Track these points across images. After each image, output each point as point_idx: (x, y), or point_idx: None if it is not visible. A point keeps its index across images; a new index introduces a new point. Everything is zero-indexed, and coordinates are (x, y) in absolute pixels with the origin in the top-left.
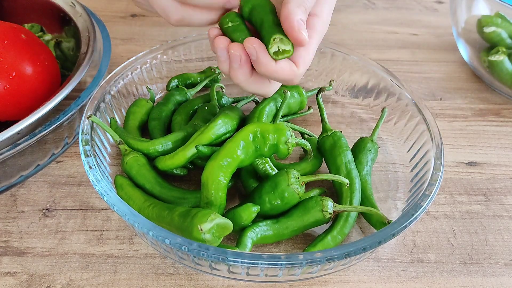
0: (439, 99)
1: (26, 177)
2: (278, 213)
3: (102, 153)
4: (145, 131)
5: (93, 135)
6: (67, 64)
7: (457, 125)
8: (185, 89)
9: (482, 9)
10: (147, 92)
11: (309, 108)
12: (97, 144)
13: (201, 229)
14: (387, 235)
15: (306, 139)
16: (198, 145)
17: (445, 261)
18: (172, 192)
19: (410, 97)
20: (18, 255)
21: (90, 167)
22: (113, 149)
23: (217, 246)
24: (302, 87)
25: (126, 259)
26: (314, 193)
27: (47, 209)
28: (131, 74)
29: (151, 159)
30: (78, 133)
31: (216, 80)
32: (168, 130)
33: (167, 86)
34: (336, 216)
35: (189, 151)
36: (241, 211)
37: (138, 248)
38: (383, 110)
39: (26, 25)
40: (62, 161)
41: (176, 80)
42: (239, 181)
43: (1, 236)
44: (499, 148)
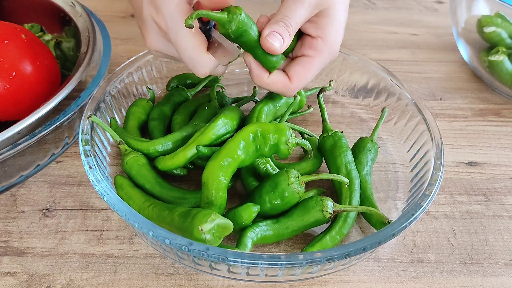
0: (439, 99)
1: (26, 177)
2: (278, 213)
3: (102, 153)
4: (145, 131)
5: (93, 135)
6: (67, 64)
7: (457, 125)
8: (185, 89)
9: (482, 9)
10: (147, 92)
11: (309, 107)
12: (97, 144)
13: (201, 230)
14: (387, 235)
15: (306, 139)
16: (198, 145)
17: (445, 261)
18: (172, 192)
19: (410, 97)
20: (18, 255)
21: (90, 167)
22: (113, 149)
23: (217, 246)
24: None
25: (126, 259)
26: (312, 193)
27: (47, 209)
28: (131, 74)
29: (151, 159)
30: (78, 133)
31: (216, 80)
32: (168, 130)
33: (167, 86)
34: (335, 217)
35: (189, 152)
36: (241, 210)
37: (138, 248)
38: (383, 110)
39: (26, 25)
40: (62, 161)
41: (176, 80)
42: (238, 180)
43: (1, 236)
44: (499, 148)
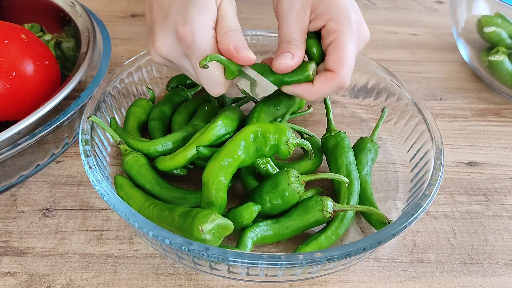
0: (439, 99)
1: (26, 177)
2: (278, 213)
3: (102, 153)
4: (145, 131)
5: (93, 135)
6: (67, 64)
7: (457, 125)
8: (185, 89)
9: (482, 9)
10: (147, 92)
11: (309, 107)
12: (97, 144)
13: (201, 230)
14: (387, 235)
15: (306, 139)
16: (198, 146)
17: (445, 261)
18: (172, 192)
19: (410, 97)
20: (18, 255)
21: (90, 167)
22: (113, 149)
23: (217, 246)
24: None
25: (126, 259)
26: (311, 193)
27: (47, 209)
28: (131, 74)
29: (151, 159)
30: (78, 133)
31: None
32: (168, 130)
33: (167, 86)
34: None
35: (189, 152)
36: (242, 210)
37: (138, 248)
38: (383, 110)
39: (26, 25)
40: (62, 161)
41: (176, 80)
42: (238, 181)
43: (1, 236)
44: (499, 148)
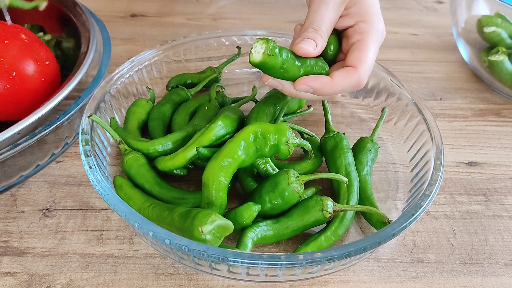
0: (439, 99)
1: (26, 177)
2: (278, 213)
3: (102, 153)
4: (145, 131)
5: (93, 135)
6: (67, 64)
7: (457, 125)
8: (185, 89)
9: (482, 9)
10: (147, 92)
11: (309, 106)
12: (97, 144)
13: (201, 231)
14: (387, 235)
15: (306, 139)
16: (198, 147)
17: (445, 261)
18: (171, 192)
19: (410, 97)
20: (18, 255)
21: (90, 167)
22: (113, 149)
23: (217, 246)
24: None
25: (126, 259)
26: (310, 191)
27: (47, 209)
28: (131, 74)
29: (151, 159)
30: (78, 133)
31: (216, 80)
32: (168, 130)
33: (167, 86)
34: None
35: (189, 153)
36: (242, 210)
37: (138, 248)
38: (383, 110)
39: (26, 25)
40: (62, 161)
41: (176, 80)
42: (237, 181)
43: (1, 236)
44: (499, 148)
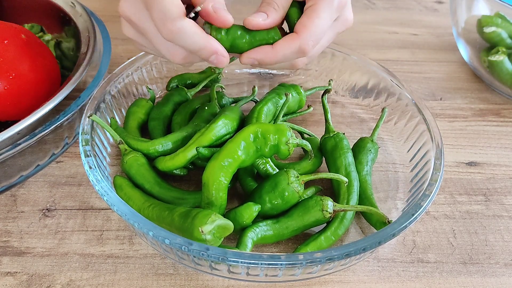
0: (439, 99)
1: (26, 177)
2: (278, 213)
3: (102, 153)
4: (145, 131)
5: (93, 135)
6: (67, 64)
7: (457, 125)
8: (185, 89)
9: (482, 9)
10: (147, 92)
11: (309, 106)
12: (97, 144)
13: (202, 231)
14: (387, 235)
15: (306, 139)
16: (198, 147)
17: (445, 261)
18: (171, 192)
19: (410, 97)
20: (18, 255)
21: (90, 167)
22: (113, 149)
23: (217, 246)
24: (301, 86)
25: (126, 259)
26: (310, 191)
27: (47, 209)
28: (131, 74)
29: (151, 159)
30: (78, 133)
31: (216, 80)
32: (168, 130)
33: (167, 86)
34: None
35: (189, 153)
36: (242, 210)
37: (138, 248)
38: (383, 110)
39: (26, 25)
40: (62, 161)
41: (176, 80)
42: (237, 181)
43: (1, 236)
44: (499, 148)
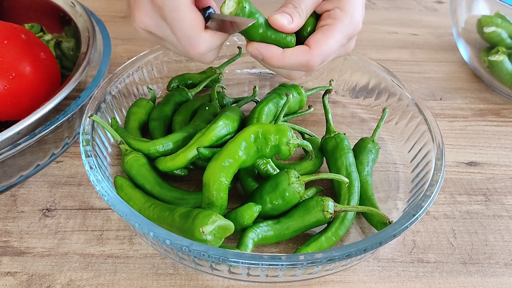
0: (439, 99)
1: (26, 177)
2: (279, 213)
3: (103, 153)
4: (145, 131)
5: (93, 135)
6: (67, 64)
7: (457, 125)
8: (186, 89)
9: (482, 9)
10: (148, 92)
11: (310, 107)
12: (97, 144)
13: (202, 232)
14: (388, 235)
15: (307, 139)
16: (199, 147)
17: (445, 261)
18: (172, 192)
19: (411, 97)
20: (18, 255)
21: (91, 168)
22: (113, 149)
23: (218, 246)
24: (301, 86)
25: (126, 259)
26: (311, 192)
27: (47, 209)
28: (132, 74)
29: (151, 159)
30: (78, 133)
31: (217, 80)
32: (169, 130)
33: (168, 86)
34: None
35: (190, 153)
36: (243, 210)
37: (138, 248)
38: (384, 110)
39: (26, 25)
40: (62, 161)
41: (176, 80)
42: (238, 181)
43: (1, 236)
44: (499, 148)
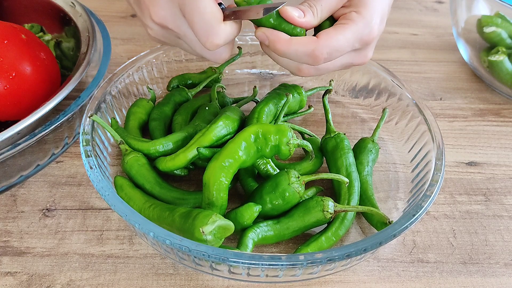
0: (439, 99)
1: (26, 177)
2: (279, 213)
3: (103, 153)
4: (145, 131)
5: (93, 135)
6: (67, 64)
7: (457, 125)
8: (186, 89)
9: (482, 9)
10: (148, 92)
11: (310, 107)
12: (97, 144)
13: (202, 232)
14: (388, 235)
15: (307, 139)
16: (199, 147)
17: (445, 261)
18: (172, 192)
19: (411, 97)
20: (18, 255)
21: (91, 168)
22: (113, 149)
23: (218, 246)
24: (302, 86)
25: (126, 259)
26: (311, 192)
27: (47, 209)
28: (132, 74)
29: (151, 159)
30: (78, 133)
31: (217, 80)
32: (169, 130)
33: (168, 86)
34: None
35: (190, 153)
36: (243, 210)
37: (138, 248)
38: (384, 110)
39: (26, 25)
40: (62, 161)
41: (176, 80)
42: (238, 181)
43: (1, 236)
44: (499, 148)
